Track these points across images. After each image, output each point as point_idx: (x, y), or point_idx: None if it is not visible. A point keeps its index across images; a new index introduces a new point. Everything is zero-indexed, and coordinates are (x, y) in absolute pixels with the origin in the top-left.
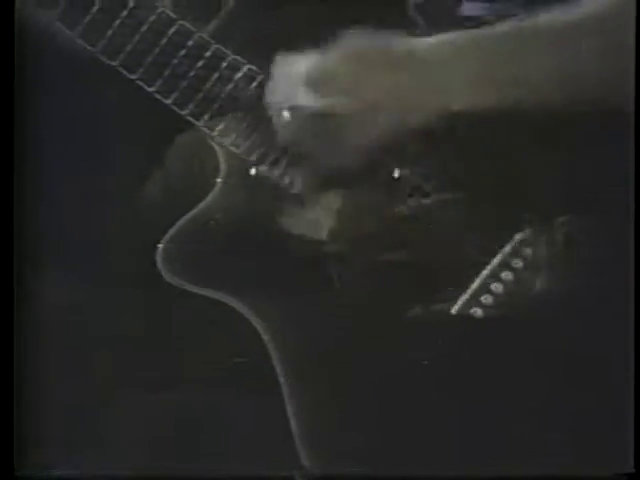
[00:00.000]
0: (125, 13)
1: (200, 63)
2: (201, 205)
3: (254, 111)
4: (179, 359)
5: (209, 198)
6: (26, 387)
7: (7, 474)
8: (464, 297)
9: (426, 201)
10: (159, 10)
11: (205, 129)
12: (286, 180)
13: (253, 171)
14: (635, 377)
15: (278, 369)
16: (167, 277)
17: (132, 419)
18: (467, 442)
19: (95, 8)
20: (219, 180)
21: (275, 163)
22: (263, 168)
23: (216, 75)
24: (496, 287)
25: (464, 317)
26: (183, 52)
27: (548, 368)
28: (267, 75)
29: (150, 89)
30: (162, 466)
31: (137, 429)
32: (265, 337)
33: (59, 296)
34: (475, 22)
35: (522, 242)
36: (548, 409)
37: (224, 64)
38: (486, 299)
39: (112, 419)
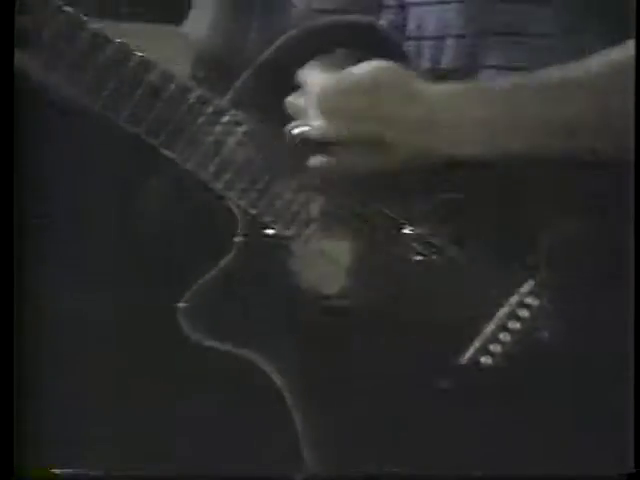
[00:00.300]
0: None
1: (218, 128)
2: (221, 264)
3: (269, 174)
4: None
5: (228, 257)
6: (26, 387)
7: (7, 474)
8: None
9: (434, 255)
10: (179, 79)
11: (223, 191)
12: (301, 239)
13: (269, 231)
14: (635, 377)
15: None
16: (189, 333)
17: (132, 419)
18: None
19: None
20: (237, 240)
21: (290, 223)
22: (279, 228)
23: (233, 139)
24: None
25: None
26: (202, 118)
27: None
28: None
29: (170, 154)
30: (161, 466)
31: (137, 429)
32: (285, 394)
33: (59, 296)
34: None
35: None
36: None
37: (240, 129)
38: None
39: (112, 419)
